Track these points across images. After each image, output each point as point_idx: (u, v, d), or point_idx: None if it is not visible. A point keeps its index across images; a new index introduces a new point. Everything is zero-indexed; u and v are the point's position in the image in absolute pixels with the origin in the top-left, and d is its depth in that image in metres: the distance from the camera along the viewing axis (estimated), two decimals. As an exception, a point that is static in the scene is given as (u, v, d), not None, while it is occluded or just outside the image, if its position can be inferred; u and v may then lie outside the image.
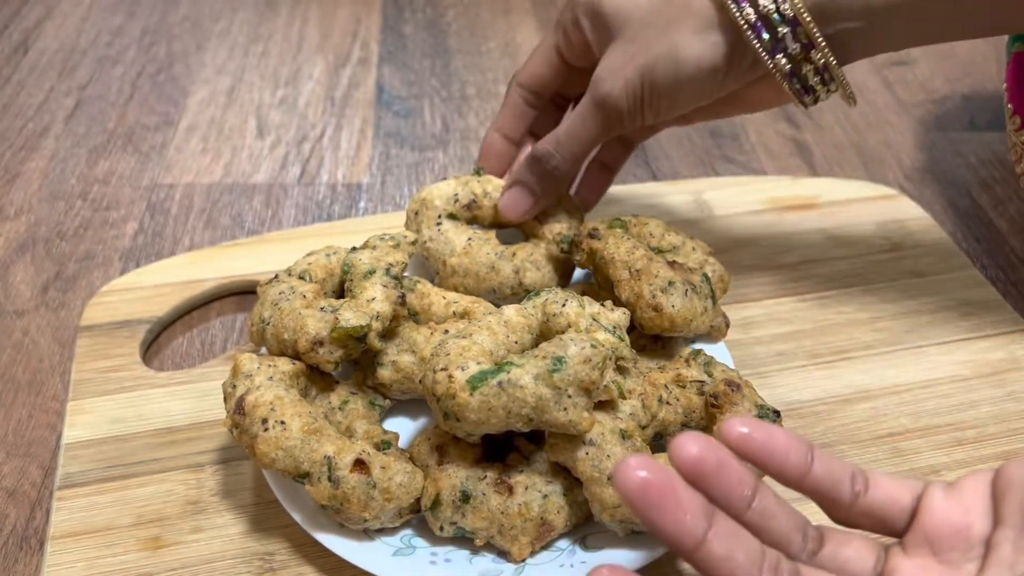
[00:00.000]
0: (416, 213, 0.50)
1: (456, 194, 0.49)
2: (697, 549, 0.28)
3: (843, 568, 0.31)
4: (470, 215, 0.50)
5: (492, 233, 0.50)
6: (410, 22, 0.85)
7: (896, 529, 0.32)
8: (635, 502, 0.27)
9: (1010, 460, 0.32)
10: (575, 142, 0.46)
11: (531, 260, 0.48)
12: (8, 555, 0.42)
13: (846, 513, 0.32)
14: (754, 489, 0.30)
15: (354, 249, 0.46)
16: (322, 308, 0.42)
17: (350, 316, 0.41)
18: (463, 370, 0.37)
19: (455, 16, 0.86)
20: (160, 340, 0.53)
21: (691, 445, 0.28)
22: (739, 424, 0.30)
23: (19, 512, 0.43)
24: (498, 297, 0.48)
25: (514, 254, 0.48)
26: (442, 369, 0.37)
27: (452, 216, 0.49)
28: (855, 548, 0.32)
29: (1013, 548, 0.29)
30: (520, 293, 0.48)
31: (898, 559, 0.31)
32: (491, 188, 0.50)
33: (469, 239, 0.48)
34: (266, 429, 0.38)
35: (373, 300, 0.42)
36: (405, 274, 0.48)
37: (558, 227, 0.49)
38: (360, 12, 0.86)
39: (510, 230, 0.52)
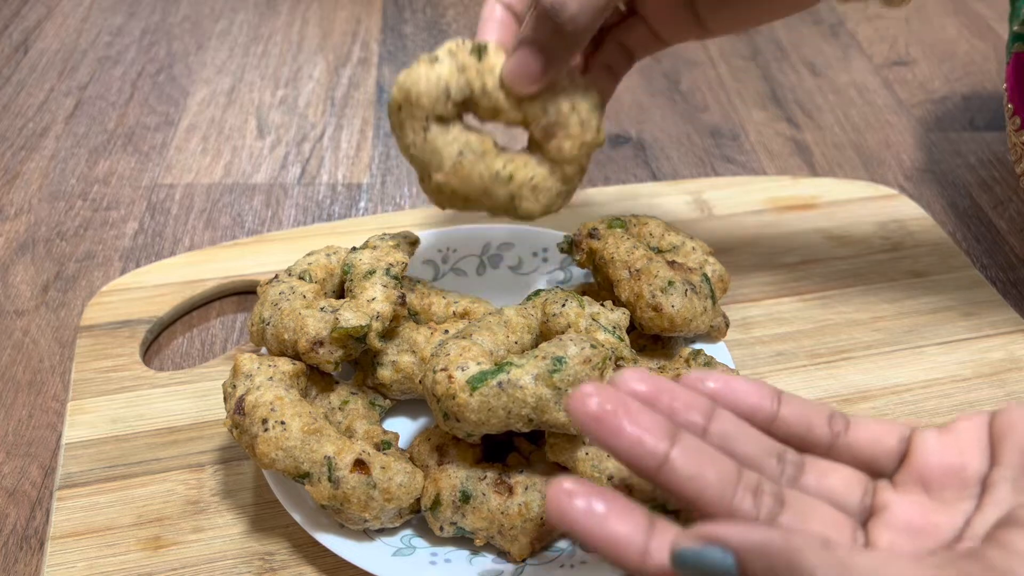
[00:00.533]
0: (399, 109, 0.41)
1: (448, 88, 0.40)
2: (660, 470, 0.26)
3: (828, 497, 0.29)
4: (465, 110, 0.42)
5: (489, 142, 0.41)
6: (410, 22, 0.85)
7: (883, 471, 0.30)
8: (589, 428, 0.26)
9: (1009, 404, 0.31)
10: None
11: (531, 186, 0.41)
12: (8, 555, 0.42)
13: (825, 455, 0.30)
14: (707, 414, 0.28)
15: (354, 249, 0.46)
16: (322, 308, 0.42)
17: (350, 316, 0.41)
18: (463, 370, 0.37)
19: (455, 16, 0.86)
20: (160, 340, 0.53)
21: (631, 380, 0.27)
22: (696, 377, 0.29)
23: (19, 512, 0.43)
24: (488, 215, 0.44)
25: (511, 177, 0.41)
26: (442, 369, 0.37)
27: (442, 119, 0.41)
28: (841, 478, 0.30)
29: (1012, 488, 0.28)
30: (514, 218, 0.43)
31: (888, 494, 0.29)
32: (491, 83, 0.40)
33: (460, 153, 0.40)
34: (266, 429, 0.38)
35: (373, 300, 0.42)
36: (405, 274, 0.48)
37: (573, 129, 0.41)
38: (360, 12, 0.86)
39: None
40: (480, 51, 0.40)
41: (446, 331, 0.44)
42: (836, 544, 0.23)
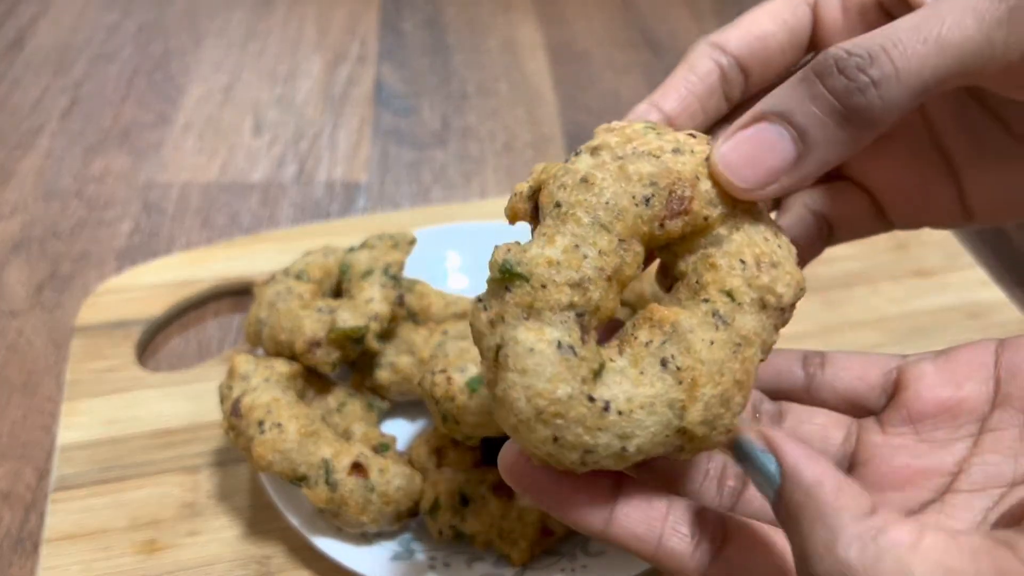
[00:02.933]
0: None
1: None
2: (607, 528, 0.25)
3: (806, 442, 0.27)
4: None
5: (590, 344, 0.24)
6: (409, 19, 0.85)
7: (871, 408, 0.28)
8: (532, 499, 0.26)
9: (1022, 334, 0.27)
10: (927, 46, 0.24)
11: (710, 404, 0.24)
12: (2, 558, 0.41)
13: (802, 397, 0.28)
14: None
15: (352, 249, 0.45)
16: (319, 309, 0.42)
17: (348, 317, 0.41)
18: (462, 372, 0.36)
19: (454, 13, 0.86)
20: (156, 341, 0.52)
21: None
22: None
23: (13, 515, 0.43)
24: None
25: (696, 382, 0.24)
26: (440, 371, 0.37)
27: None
28: (819, 424, 0.28)
29: (1021, 435, 0.25)
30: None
31: (872, 435, 0.27)
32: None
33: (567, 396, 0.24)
34: (263, 432, 0.38)
35: (371, 301, 0.42)
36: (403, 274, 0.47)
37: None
38: (358, 9, 0.86)
39: None
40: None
41: (445, 332, 0.44)
42: (876, 512, 0.21)
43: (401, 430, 0.45)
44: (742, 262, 0.25)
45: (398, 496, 0.38)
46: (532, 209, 0.26)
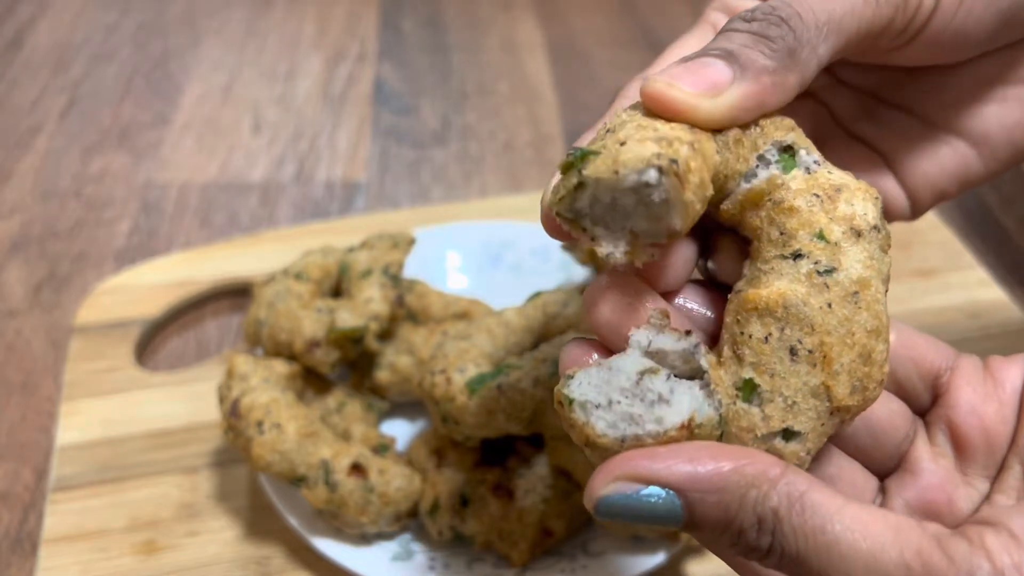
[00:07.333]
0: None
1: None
2: None
3: (871, 435, 0.27)
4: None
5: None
6: (408, 18, 0.85)
7: (913, 401, 0.28)
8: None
9: None
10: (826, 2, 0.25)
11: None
12: (1, 559, 0.41)
13: None
14: None
15: (351, 249, 0.45)
16: (318, 309, 0.42)
17: (347, 317, 0.41)
18: (462, 373, 0.36)
19: (454, 12, 0.86)
20: (154, 341, 0.52)
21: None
22: None
23: (12, 515, 0.43)
24: None
25: None
26: (440, 372, 0.36)
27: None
28: (892, 410, 0.27)
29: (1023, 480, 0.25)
30: None
31: (921, 451, 0.27)
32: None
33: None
34: (262, 432, 0.37)
35: (370, 301, 0.42)
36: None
37: None
38: (358, 8, 0.85)
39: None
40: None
41: (445, 332, 0.43)
42: (793, 477, 0.21)
43: (401, 430, 0.45)
44: (816, 196, 0.23)
45: (398, 497, 0.38)
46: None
